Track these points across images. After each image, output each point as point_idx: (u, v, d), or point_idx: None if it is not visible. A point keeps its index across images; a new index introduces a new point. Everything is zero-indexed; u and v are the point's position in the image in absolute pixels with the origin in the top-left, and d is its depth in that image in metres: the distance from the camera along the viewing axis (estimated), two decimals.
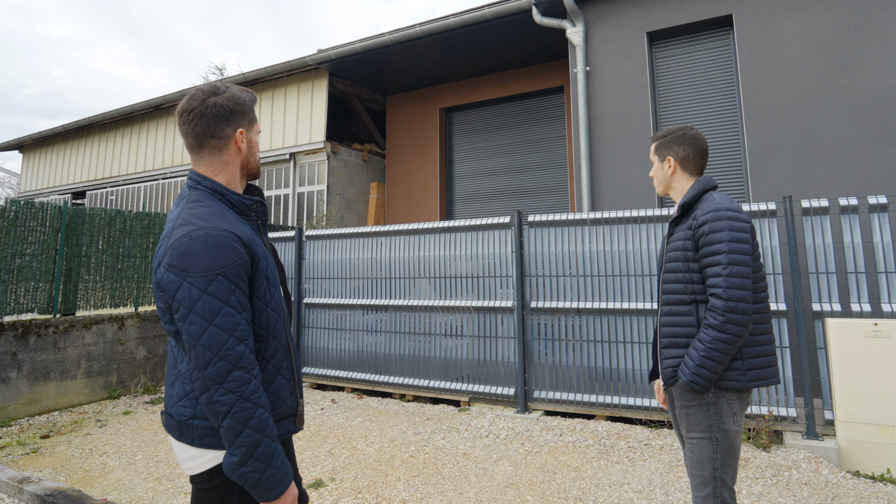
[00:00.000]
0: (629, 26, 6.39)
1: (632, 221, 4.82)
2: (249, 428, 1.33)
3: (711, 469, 1.89)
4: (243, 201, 1.54)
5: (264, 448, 1.35)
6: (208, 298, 1.34)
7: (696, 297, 1.94)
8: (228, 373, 1.33)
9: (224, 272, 1.36)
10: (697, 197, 2.02)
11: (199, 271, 1.34)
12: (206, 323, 1.33)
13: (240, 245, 1.41)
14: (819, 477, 3.45)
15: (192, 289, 1.34)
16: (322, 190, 9.14)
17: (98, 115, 12.09)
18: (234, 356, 1.34)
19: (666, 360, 2.01)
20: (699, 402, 1.92)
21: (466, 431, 4.54)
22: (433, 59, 8.66)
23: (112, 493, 3.55)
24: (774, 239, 4.30)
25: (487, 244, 5.47)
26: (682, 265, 1.97)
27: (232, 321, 1.36)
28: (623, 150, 6.28)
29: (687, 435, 1.97)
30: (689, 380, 1.88)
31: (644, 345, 4.66)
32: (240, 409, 1.33)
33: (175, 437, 1.47)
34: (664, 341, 2.03)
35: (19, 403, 5.37)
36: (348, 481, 3.59)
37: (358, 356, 6.17)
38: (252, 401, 1.35)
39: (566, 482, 3.47)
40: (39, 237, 5.83)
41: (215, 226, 1.40)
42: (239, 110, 1.55)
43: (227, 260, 1.37)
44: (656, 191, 2.23)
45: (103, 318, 6.17)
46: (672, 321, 2.00)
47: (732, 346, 1.83)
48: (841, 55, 5.28)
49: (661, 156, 2.15)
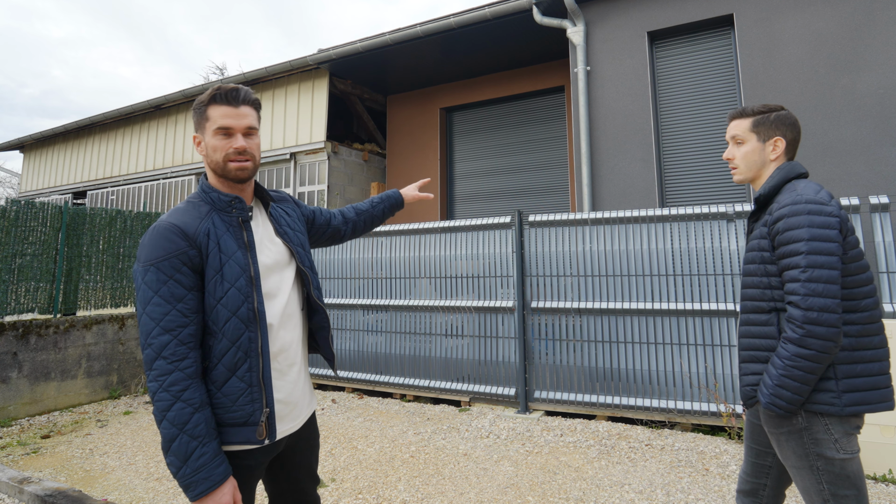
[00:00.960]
0: (630, 26, 6.38)
1: (632, 221, 4.82)
2: (167, 420, 1.35)
3: (821, 501, 1.62)
4: (221, 198, 1.58)
5: (179, 444, 1.34)
6: (144, 287, 1.42)
7: (775, 304, 1.68)
8: (152, 361, 1.38)
9: (156, 263, 1.42)
10: (777, 188, 1.74)
11: (141, 261, 1.45)
12: (141, 310, 1.42)
13: (179, 237, 1.45)
14: None
15: (136, 277, 1.45)
16: (322, 190, 9.14)
17: (99, 115, 12.09)
18: (157, 345, 1.38)
19: (745, 377, 1.75)
20: (787, 427, 1.65)
21: (467, 432, 4.54)
22: (434, 58, 8.65)
23: (112, 494, 3.55)
24: None
25: (488, 244, 5.47)
26: (759, 267, 1.72)
27: (159, 311, 1.40)
28: (624, 149, 6.27)
29: (784, 462, 1.71)
30: (768, 402, 1.62)
31: (644, 345, 4.66)
32: (159, 399, 1.36)
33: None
34: (742, 354, 1.77)
35: (20, 403, 5.37)
36: (349, 482, 3.58)
37: (358, 356, 6.16)
38: (171, 392, 1.36)
39: (567, 483, 3.47)
40: (40, 237, 5.83)
41: (166, 219, 1.49)
42: (194, 117, 1.62)
43: (160, 251, 1.43)
44: (738, 177, 1.88)
45: (104, 318, 6.17)
46: (750, 331, 1.75)
47: (817, 364, 1.55)
48: (842, 55, 5.27)
49: (765, 135, 1.81)
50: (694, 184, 6.16)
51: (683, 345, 4.53)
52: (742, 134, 1.84)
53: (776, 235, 1.66)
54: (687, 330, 4.53)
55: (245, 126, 1.57)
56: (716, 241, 4.49)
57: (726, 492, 3.26)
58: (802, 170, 1.76)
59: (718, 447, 3.93)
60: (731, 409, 4.16)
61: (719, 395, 4.31)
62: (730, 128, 1.89)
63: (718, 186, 6.04)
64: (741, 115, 1.87)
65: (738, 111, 1.88)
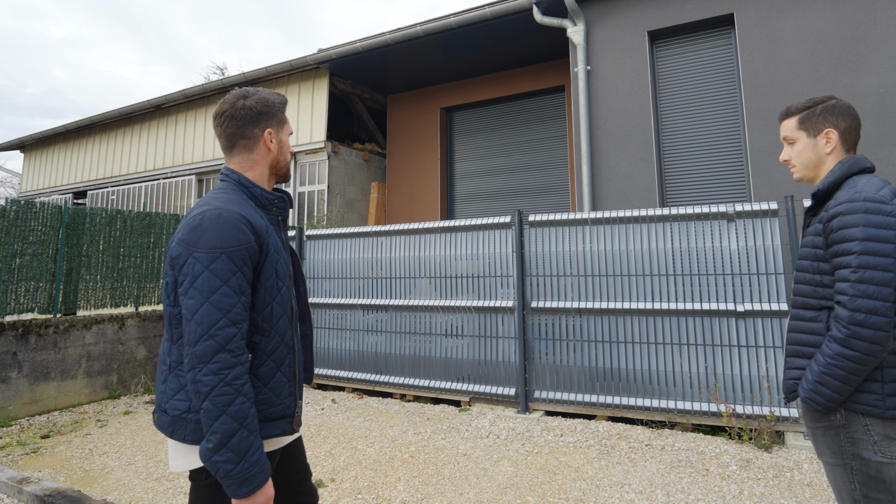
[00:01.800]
0: (630, 25, 6.38)
1: (633, 221, 4.81)
2: (227, 415, 1.31)
3: (852, 500, 1.60)
4: (265, 195, 1.60)
5: (240, 439, 1.31)
6: (209, 275, 1.36)
7: (825, 301, 1.66)
8: (215, 353, 1.32)
9: (228, 252, 1.38)
10: (837, 183, 1.67)
11: (205, 247, 1.38)
12: (203, 299, 1.35)
13: (249, 230, 1.44)
14: (821, 478, 3.43)
15: (197, 264, 1.37)
16: (323, 189, 9.14)
17: (99, 115, 12.10)
18: (223, 337, 1.33)
19: (789, 371, 1.75)
20: (825, 423, 1.64)
21: (467, 432, 4.53)
22: (434, 58, 8.65)
23: (112, 494, 3.54)
24: (776, 238, 4.28)
25: (488, 244, 5.46)
26: (812, 265, 1.68)
27: (228, 302, 1.36)
28: (624, 149, 6.26)
29: (819, 458, 1.71)
30: (806, 396, 1.62)
31: (644, 345, 4.65)
32: (220, 393, 1.31)
33: (167, 434, 1.45)
34: (789, 349, 1.77)
35: (19, 403, 5.37)
36: (348, 482, 3.58)
37: (358, 356, 6.16)
38: (234, 386, 1.33)
39: (567, 483, 3.46)
40: (40, 237, 5.82)
41: (229, 208, 1.45)
42: (267, 111, 1.61)
43: (233, 240, 1.40)
44: (797, 176, 1.83)
45: (104, 318, 6.17)
46: (797, 326, 1.73)
47: (861, 367, 1.52)
48: (843, 54, 5.26)
49: (814, 130, 1.75)
50: (694, 183, 6.15)
51: (684, 345, 4.52)
52: (791, 133, 1.81)
53: (830, 233, 1.61)
54: (687, 330, 4.52)
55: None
56: (716, 240, 4.48)
57: (726, 492, 3.25)
58: (867, 164, 1.68)
59: (719, 447, 3.92)
60: (732, 409, 4.15)
61: (719, 395, 4.31)
62: (780, 129, 1.86)
63: (719, 186, 6.03)
64: (787, 115, 1.83)
65: (784, 111, 1.85)
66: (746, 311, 4.30)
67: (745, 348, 4.31)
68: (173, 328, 1.48)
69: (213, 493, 1.48)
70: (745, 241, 4.38)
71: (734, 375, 4.32)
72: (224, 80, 10.08)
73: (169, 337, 1.50)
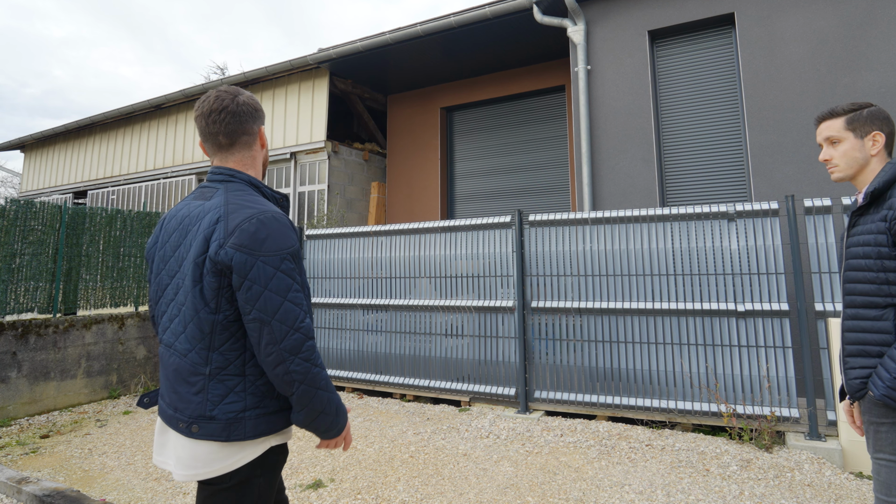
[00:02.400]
0: (630, 25, 6.37)
1: (633, 221, 4.80)
2: (321, 389, 1.46)
3: None
4: (274, 195, 1.64)
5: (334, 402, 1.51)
6: (281, 276, 1.43)
7: (892, 299, 1.67)
8: (303, 343, 1.42)
9: (291, 252, 1.47)
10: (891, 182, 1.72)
11: (271, 251, 1.43)
12: (281, 299, 1.42)
13: (294, 231, 1.53)
14: (822, 478, 3.42)
15: (266, 267, 1.42)
16: (323, 189, 9.13)
17: (99, 115, 12.09)
18: (307, 329, 1.45)
19: (852, 371, 1.76)
20: (893, 419, 1.67)
21: (467, 432, 4.52)
22: (434, 58, 8.64)
23: (111, 494, 3.54)
24: (777, 238, 4.27)
25: (488, 244, 5.45)
26: (874, 263, 1.69)
27: (300, 297, 1.47)
28: (624, 149, 6.26)
29: (874, 454, 1.75)
30: (883, 393, 1.62)
31: (645, 345, 4.64)
32: (319, 376, 1.45)
33: (222, 440, 1.42)
34: (849, 348, 1.77)
35: (19, 403, 5.37)
36: (348, 482, 3.57)
37: (358, 356, 6.15)
38: (319, 366, 1.47)
39: (567, 483, 3.45)
40: (40, 236, 5.82)
41: (273, 210, 1.51)
42: (260, 108, 1.66)
43: (291, 241, 1.48)
44: (837, 175, 1.87)
45: (103, 318, 6.16)
46: (859, 326, 1.74)
47: None
48: (843, 53, 5.25)
49: (861, 131, 1.80)
50: (694, 183, 6.14)
51: (684, 345, 4.51)
52: (837, 134, 1.84)
53: None
54: (688, 330, 4.51)
55: None
56: (716, 240, 4.47)
57: (727, 492, 3.24)
58: None
59: (719, 447, 3.91)
60: (732, 409, 4.14)
61: (720, 395, 4.30)
62: (821, 130, 1.89)
63: (719, 186, 6.02)
64: (831, 116, 1.87)
65: (826, 113, 1.88)
66: (747, 310, 4.29)
67: (746, 348, 4.30)
68: (215, 335, 1.44)
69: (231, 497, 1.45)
70: (745, 241, 4.37)
71: (734, 375, 4.31)
72: (224, 80, 10.09)
73: (206, 346, 1.45)
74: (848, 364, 1.77)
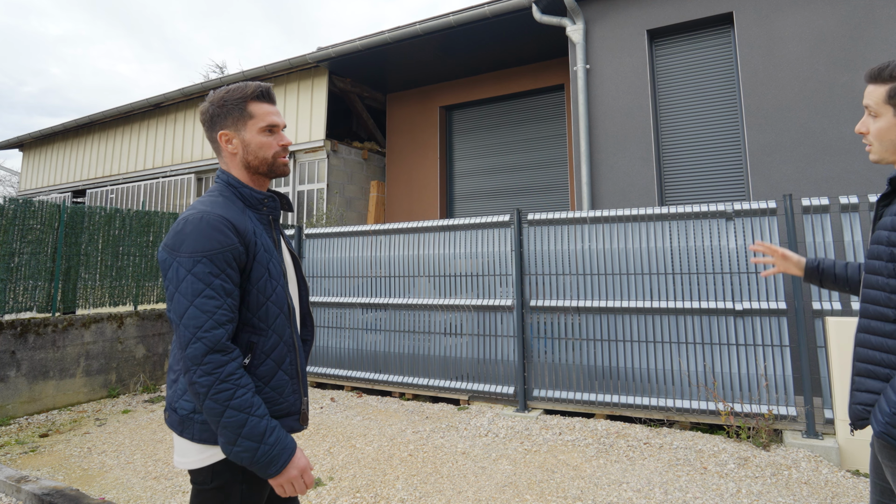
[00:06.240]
0: (629, 24, 6.37)
1: (632, 220, 4.81)
2: (231, 408, 1.33)
3: None
4: (254, 195, 1.58)
5: (250, 425, 1.34)
6: (192, 279, 1.37)
7: None
8: (205, 354, 1.33)
9: (209, 255, 1.39)
10: None
11: (186, 252, 1.39)
12: (188, 303, 1.36)
13: (232, 232, 1.44)
14: (819, 476, 3.43)
15: (180, 268, 1.38)
16: (322, 188, 9.13)
17: (98, 114, 12.08)
18: (211, 339, 1.34)
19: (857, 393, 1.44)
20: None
21: (465, 430, 4.53)
22: (433, 57, 8.64)
23: (110, 493, 3.54)
24: (775, 237, 4.28)
25: (487, 243, 5.46)
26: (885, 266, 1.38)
27: (212, 304, 1.37)
28: (623, 148, 6.26)
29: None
30: (882, 430, 1.33)
31: (643, 343, 4.65)
32: (218, 391, 1.33)
33: (177, 433, 1.46)
34: (857, 366, 1.46)
35: (18, 402, 5.37)
36: (347, 480, 3.58)
37: (357, 355, 6.16)
38: (230, 382, 1.34)
39: (565, 481, 3.46)
40: (38, 235, 5.82)
41: (212, 211, 1.44)
42: (219, 113, 1.56)
43: (213, 243, 1.40)
44: (874, 157, 1.50)
45: (102, 317, 6.16)
46: (868, 341, 1.42)
47: None
48: (842, 53, 5.26)
49: None
50: (693, 182, 6.15)
51: (682, 343, 4.52)
52: (876, 105, 1.46)
53: None
54: (686, 329, 4.52)
55: (283, 123, 1.64)
56: (715, 239, 4.48)
57: (724, 490, 3.25)
58: None
59: (717, 446, 3.92)
60: (730, 407, 4.15)
61: (718, 393, 4.31)
62: (866, 93, 1.51)
63: (718, 185, 6.03)
64: (877, 80, 1.48)
65: (874, 71, 1.49)
66: (745, 309, 4.30)
67: (744, 347, 4.31)
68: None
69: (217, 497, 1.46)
70: (743, 240, 4.38)
71: (732, 374, 4.32)
72: (224, 79, 10.08)
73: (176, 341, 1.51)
74: (854, 384, 1.47)
